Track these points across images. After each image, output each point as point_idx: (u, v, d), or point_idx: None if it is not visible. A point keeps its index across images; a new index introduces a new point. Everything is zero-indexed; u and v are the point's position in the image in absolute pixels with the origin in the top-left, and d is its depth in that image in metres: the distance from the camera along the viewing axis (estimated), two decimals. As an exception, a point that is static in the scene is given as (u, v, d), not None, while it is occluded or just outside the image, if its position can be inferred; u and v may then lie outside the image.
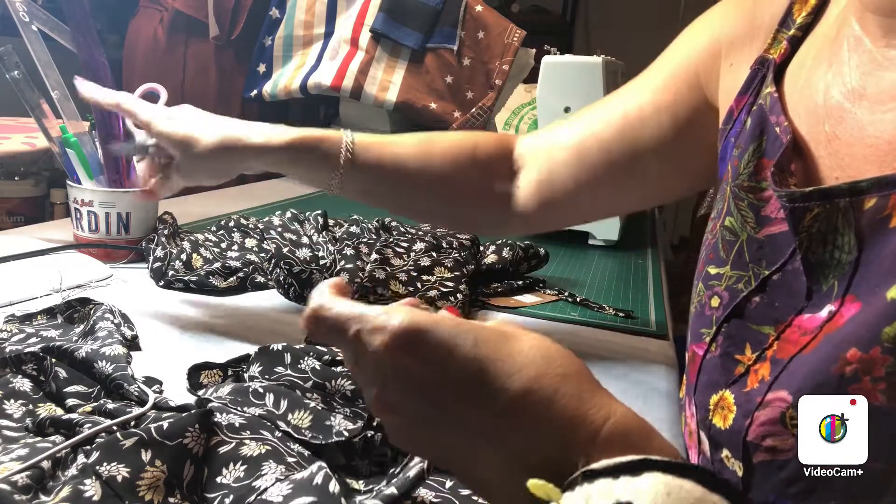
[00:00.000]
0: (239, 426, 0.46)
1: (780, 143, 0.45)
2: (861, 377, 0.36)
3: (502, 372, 0.31)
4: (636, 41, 3.33)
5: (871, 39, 0.42)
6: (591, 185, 0.66)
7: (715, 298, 0.48)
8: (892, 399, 0.35)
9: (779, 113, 0.46)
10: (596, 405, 0.30)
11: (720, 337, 0.47)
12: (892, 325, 0.35)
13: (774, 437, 0.39)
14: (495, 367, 0.31)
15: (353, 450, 0.47)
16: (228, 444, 0.45)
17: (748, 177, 0.47)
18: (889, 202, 0.37)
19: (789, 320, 0.42)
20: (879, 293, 0.36)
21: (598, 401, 0.30)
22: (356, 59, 1.47)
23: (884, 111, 0.40)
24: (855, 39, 0.43)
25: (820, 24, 0.49)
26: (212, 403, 0.49)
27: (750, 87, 0.51)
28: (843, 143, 0.42)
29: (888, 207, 0.37)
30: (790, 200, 0.42)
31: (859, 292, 0.38)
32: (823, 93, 0.44)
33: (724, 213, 0.50)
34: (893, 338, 0.35)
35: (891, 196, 0.37)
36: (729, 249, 0.48)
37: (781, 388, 0.40)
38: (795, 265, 0.42)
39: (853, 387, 0.36)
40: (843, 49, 0.44)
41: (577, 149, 0.67)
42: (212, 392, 0.53)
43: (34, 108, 0.85)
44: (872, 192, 0.38)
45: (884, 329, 0.35)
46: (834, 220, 0.40)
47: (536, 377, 0.31)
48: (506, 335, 0.32)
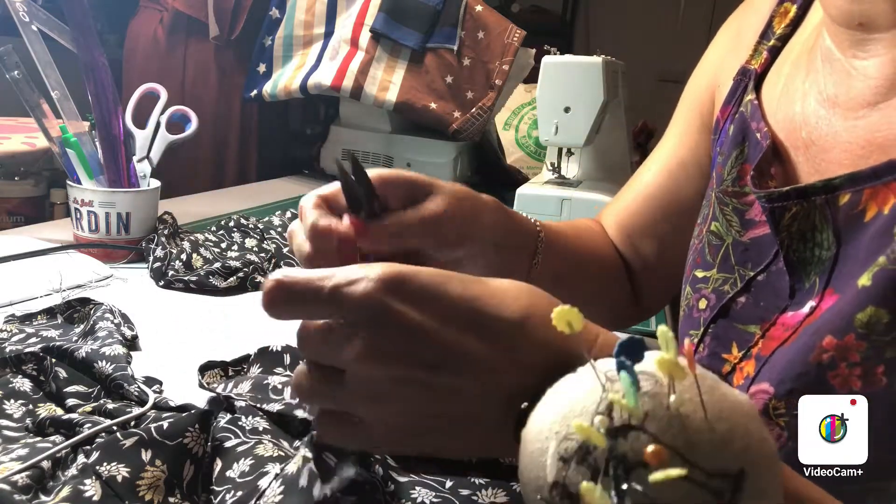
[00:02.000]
0: (262, 430, 0.47)
1: (760, 147, 0.46)
2: (838, 364, 0.37)
3: (496, 304, 0.31)
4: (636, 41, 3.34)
5: (839, 50, 0.44)
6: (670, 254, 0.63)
7: (702, 301, 0.50)
8: (869, 384, 0.36)
9: (759, 119, 0.48)
10: (586, 323, 0.31)
11: (707, 337, 0.48)
12: (863, 311, 0.36)
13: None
14: (489, 301, 0.31)
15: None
16: (247, 443, 0.45)
17: (732, 182, 0.49)
18: (862, 197, 0.39)
19: (774, 319, 0.44)
20: (853, 283, 0.37)
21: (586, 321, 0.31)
22: (356, 59, 1.47)
23: (855, 118, 0.42)
24: (826, 50, 0.45)
25: (797, 35, 0.50)
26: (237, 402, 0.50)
27: (733, 97, 0.52)
28: (820, 149, 0.43)
29: (861, 202, 0.39)
30: (769, 201, 0.43)
31: (837, 285, 0.40)
32: (801, 101, 0.46)
33: (709, 219, 0.51)
34: (866, 323, 0.36)
35: (864, 191, 0.39)
36: (715, 253, 0.49)
37: (763, 380, 0.41)
38: (779, 265, 0.44)
39: (831, 374, 0.37)
40: (817, 59, 0.46)
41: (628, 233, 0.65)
42: (231, 388, 0.53)
43: (34, 108, 0.85)
44: (846, 188, 0.39)
45: (856, 315, 0.36)
46: (812, 217, 0.41)
47: (529, 305, 0.31)
48: (483, 279, 0.33)
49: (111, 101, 0.88)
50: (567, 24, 3.84)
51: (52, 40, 0.85)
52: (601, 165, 1.34)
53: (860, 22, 0.41)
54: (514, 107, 1.77)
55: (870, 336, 0.36)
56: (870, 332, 0.36)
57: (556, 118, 1.16)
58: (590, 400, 0.25)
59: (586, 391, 0.26)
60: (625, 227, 0.66)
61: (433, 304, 0.30)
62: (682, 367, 0.24)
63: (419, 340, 0.30)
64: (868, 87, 0.41)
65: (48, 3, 1.33)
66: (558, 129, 1.16)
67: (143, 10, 1.93)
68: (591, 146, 1.25)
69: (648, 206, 0.64)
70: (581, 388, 0.26)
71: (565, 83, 1.15)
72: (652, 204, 0.64)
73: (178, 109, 0.98)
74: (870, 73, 0.41)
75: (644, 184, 0.65)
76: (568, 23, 3.85)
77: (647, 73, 3.13)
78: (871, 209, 0.38)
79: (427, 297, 0.30)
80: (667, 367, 0.24)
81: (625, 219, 0.66)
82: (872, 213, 0.38)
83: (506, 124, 1.78)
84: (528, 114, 1.77)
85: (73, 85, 0.88)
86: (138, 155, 0.94)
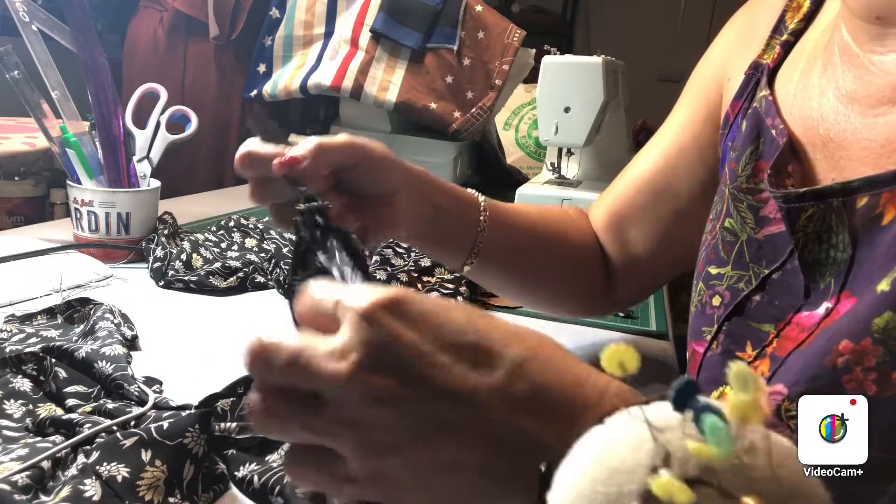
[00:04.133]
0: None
1: (776, 145, 0.46)
2: (853, 368, 0.37)
3: (499, 338, 0.29)
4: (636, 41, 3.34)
5: (857, 45, 0.43)
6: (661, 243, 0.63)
7: (716, 298, 0.49)
8: (884, 389, 0.36)
9: (774, 115, 0.47)
10: (594, 370, 0.29)
11: (721, 335, 0.48)
12: (881, 316, 0.36)
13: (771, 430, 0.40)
14: (493, 335, 0.29)
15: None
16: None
17: (746, 179, 0.48)
18: (880, 200, 0.38)
19: (788, 318, 0.43)
20: (871, 287, 0.37)
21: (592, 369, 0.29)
22: (356, 59, 1.47)
23: (875, 114, 0.41)
24: (844, 44, 0.44)
25: (811, 29, 0.50)
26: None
27: (745, 92, 0.52)
28: (838, 146, 0.43)
29: (879, 206, 0.38)
30: (786, 201, 0.43)
31: (854, 288, 0.39)
32: (818, 97, 0.45)
33: (723, 215, 0.50)
34: (883, 328, 0.36)
35: (882, 194, 0.38)
36: (729, 250, 0.49)
37: (778, 381, 0.41)
38: (794, 264, 0.43)
39: (846, 377, 0.37)
40: (834, 54, 0.45)
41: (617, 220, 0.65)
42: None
43: (34, 108, 0.85)
44: (864, 192, 0.39)
45: (873, 320, 0.36)
46: (828, 219, 0.41)
47: (536, 346, 0.29)
48: (492, 315, 0.30)
49: (111, 101, 0.88)
50: (567, 24, 3.84)
51: (52, 40, 0.85)
52: (601, 165, 1.34)
53: (878, 16, 0.41)
54: (514, 107, 1.77)
55: (886, 341, 0.36)
56: (887, 337, 0.36)
57: (556, 118, 1.16)
58: (640, 452, 0.22)
59: (632, 443, 0.23)
60: (615, 213, 0.66)
61: (433, 328, 0.28)
62: (761, 409, 0.22)
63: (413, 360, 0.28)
64: (887, 83, 0.41)
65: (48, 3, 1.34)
66: (558, 129, 1.16)
67: (143, 10, 1.93)
68: (591, 146, 1.25)
69: (642, 191, 0.64)
70: (623, 439, 0.23)
71: (565, 83, 1.15)
72: (646, 188, 0.63)
73: (178, 109, 0.98)
74: (889, 69, 0.41)
75: (640, 170, 0.64)
76: (568, 23, 3.85)
77: (647, 73, 3.13)
78: (890, 213, 0.38)
79: (428, 319, 0.28)
80: (742, 409, 0.22)
81: (616, 206, 0.66)
82: (890, 217, 0.38)
83: (506, 124, 1.78)
84: (528, 114, 1.77)
85: (73, 85, 0.88)
86: (138, 155, 0.94)
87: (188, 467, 0.43)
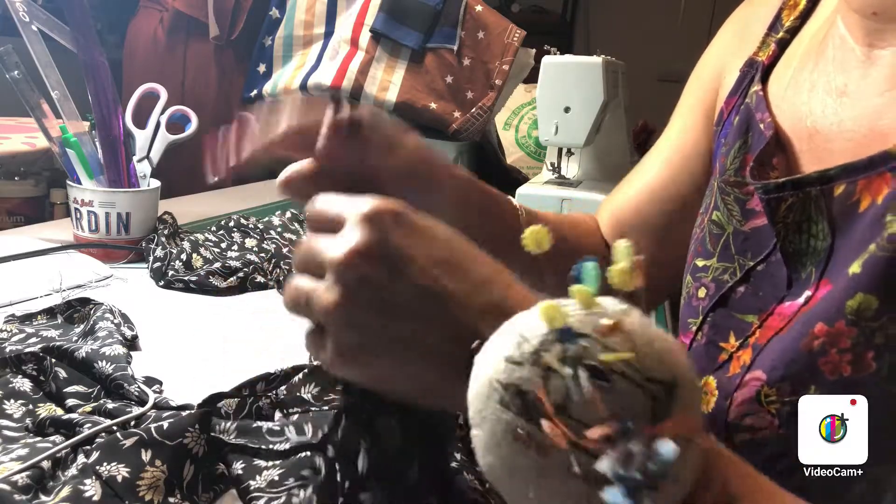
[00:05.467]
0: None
1: (763, 138, 0.46)
2: (828, 350, 0.37)
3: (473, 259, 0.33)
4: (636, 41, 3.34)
5: (854, 39, 0.44)
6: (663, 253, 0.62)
7: (702, 289, 0.50)
8: (859, 370, 0.36)
9: (763, 110, 0.47)
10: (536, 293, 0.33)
11: (706, 326, 0.48)
12: (853, 298, 0.37)
13: (752, 416, 0.41)
14: (468, 256, 0.33)
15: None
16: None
17: (734, 172, 0.49)
18: (857, 188, 0.39)
19: (771, 309, 0.44)
20: (845, 271, 0.38)
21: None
22: (356, 59, 1.47)
23: (863, 106, 0.41)
24: (840, 39, 0.45)
25: (807, 27, 0.50)
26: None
27: (739, 89, 0.52)
28: (824, 138, 0.43)
29: (856, 193, 0.39)
30: (766, 192, 0.43)
31: (831, 275, 0.40)
32: (808, 91, 0.46)
33: (711, 208, 0.51)
34: (856, 310, 0.36)
35: (858, 182, 0.39)
36: (716, 242, 0.50)
37: (757, 368, 0.41)
38: (778, 255, 0.44)
39: (822, 360, 0.38)
40: (828, 49, 0.45)
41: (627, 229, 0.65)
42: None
43: (34, 108, 0.85)
44: (841, 179, 0.39)
45: (846, 302, 0.37)
46: (808, 208, 0.41)
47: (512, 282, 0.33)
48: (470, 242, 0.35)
49: (111, 101, 0.88)
50: (567, 24, 3.84)
51: (52, 40, 0.85)
52: (601, 165, 1.34)
53: (875, 11, 0.41)
54: (514, 107, 1.77)
55: (859, 322, 0.36)
56: (859, 318, 0.36)
57: (556, 118, 1.16)
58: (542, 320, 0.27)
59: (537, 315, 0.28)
60: (621, 222, 0.65)
61: (422, 237, 0.33)
62: (634, 277, 0.28)
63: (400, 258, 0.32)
64: (882, 75, 0.41)
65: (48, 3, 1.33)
66: (558, 129, 1.16)
67: (143, 11, 1.93)
68: (591, 146, 1.25)
69: (647, 201, 0.63)
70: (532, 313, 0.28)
71: (565, 83, 1.15)
72: (651, 198, 0.63)
73: (178, 109, 0.98)
74: (883, 63, 0.41)
75: (644, 179, 0.64)
76: (568, 23, 3.84)
77: (647, 73, 3.13)
78: (866, 199, 0.38)
79: (419, 231, 0.33)
80: (620, 275, 0.28)
81: (621, 213, 0.66)
82: (867, 204, 0.38)
83: (506, 124, 1.78)
84: (528, 114, 1.77)
85: (73, 85, 0.88)
86: (138, 155, 0.94)
87: (188, 467, 0.43)
